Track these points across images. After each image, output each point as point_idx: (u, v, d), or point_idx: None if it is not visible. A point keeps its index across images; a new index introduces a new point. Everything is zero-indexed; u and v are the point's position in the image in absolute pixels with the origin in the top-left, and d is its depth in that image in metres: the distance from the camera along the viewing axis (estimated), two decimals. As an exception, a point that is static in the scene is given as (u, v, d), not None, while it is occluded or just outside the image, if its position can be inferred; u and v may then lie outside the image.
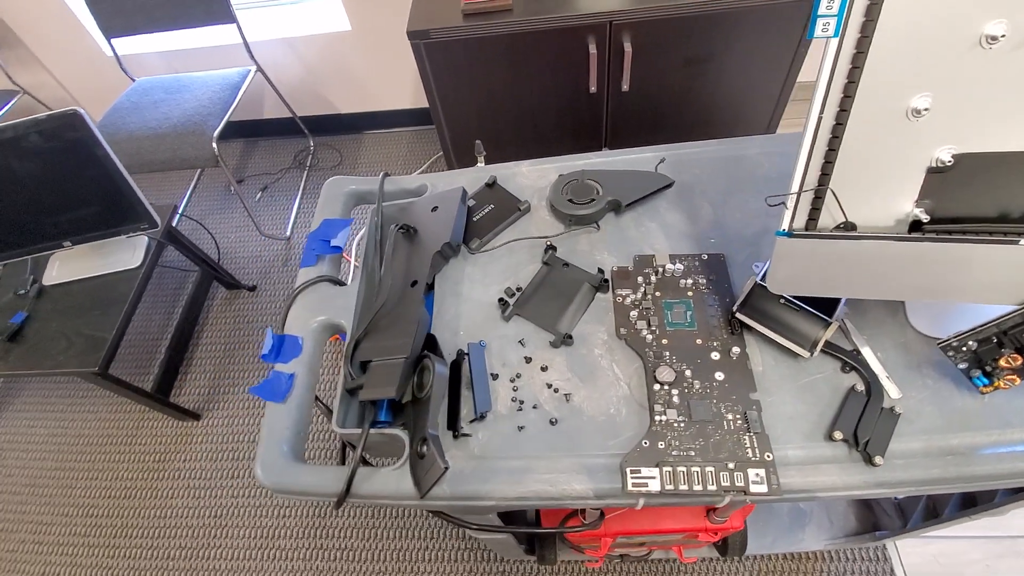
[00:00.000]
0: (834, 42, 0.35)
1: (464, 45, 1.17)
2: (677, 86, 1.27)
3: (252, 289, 1.75)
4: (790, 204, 0.42)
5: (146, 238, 1.33)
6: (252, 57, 1.71)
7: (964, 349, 0.46)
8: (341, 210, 0.72)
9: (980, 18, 0.34)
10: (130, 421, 1.51)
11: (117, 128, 1.53)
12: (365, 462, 0.65)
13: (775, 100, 1.34)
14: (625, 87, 1.23)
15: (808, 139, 0.39)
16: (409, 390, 0.53)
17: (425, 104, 2.03)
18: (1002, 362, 0.45)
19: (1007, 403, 0.48)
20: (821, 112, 0.38)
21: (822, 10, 0.34)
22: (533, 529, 0.54)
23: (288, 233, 1.89)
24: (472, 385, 0.54)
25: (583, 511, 0.72)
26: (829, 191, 0.41)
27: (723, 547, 0.92)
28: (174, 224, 1.44)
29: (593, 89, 1.24)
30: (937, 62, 0.36)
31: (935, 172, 0.41)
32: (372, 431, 0.52)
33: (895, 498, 0.96)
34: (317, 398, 0.61)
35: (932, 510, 0.84)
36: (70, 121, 1.01)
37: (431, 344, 0.57)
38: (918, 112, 0.38)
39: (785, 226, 0.43)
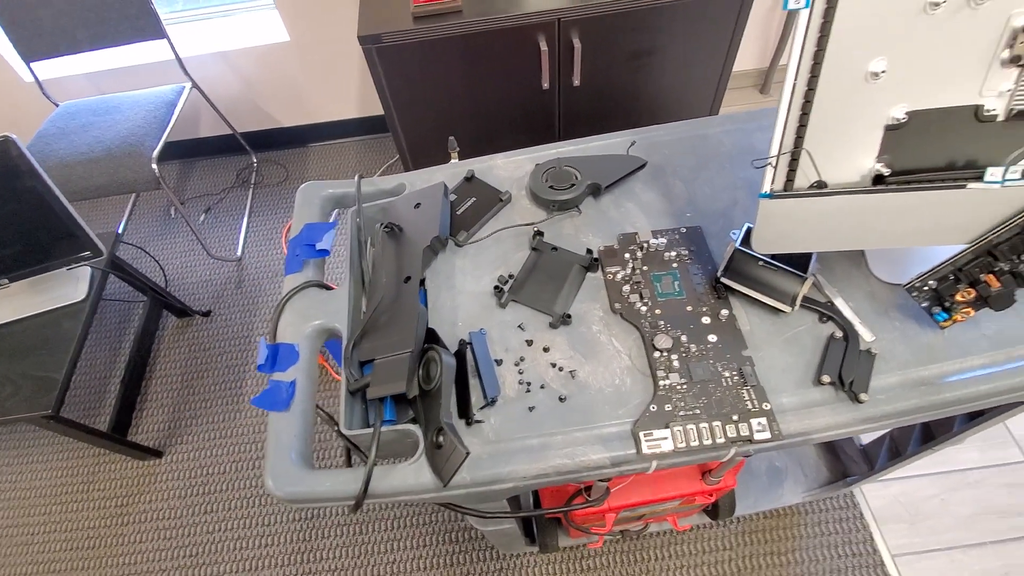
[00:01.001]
0: (805, 12, 0.38)
1: (416, 48, 1.17)
2: (625, 79, 1.32)
3: (206, 315, 1.67)
4: (772, 166, 0.45)
5: (89, 269, 1.25)
6: (186, 73, 1.64)
7: (926, 288, 0.51)
8: (318, 215, 0.71)
9: (923, -14, 0.39)
10: (85, 466, 1.41)
11: (45, 156, 1.43)
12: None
13: (714, 88, 1.42)
14: (576, 82, 1.27)
15: (784, 106, 0.43)
16: (415, 384, 0.53)
17: (371, 112, 2.01)
18: (958, 296, 0.50)
19: (963, 334, 0.54)
20: (795, 79, 0.41)
21: (793, -17, 0.37)
22: (543, 511, 0.55)
23: (239, 254, 1.82)
24: (478, 372, 0.55)
25: (587, 490, 0.74)
26: (805, 152, 0.44)
27: (714, 512, 0.97)
28: (115, 252, 1.36)
29: (546, 86, 1.27)
30: (890, 27, 0.40)
31: (892, 129, 0.45)
32: (384, 428, 0.52)
33: (859, 444, 1.04)
34: (316, 405, 0.59)
35: (895, 450, 0.92)
36: (2, 148, 0.94)
37: (432, 337, 0.57)
38: (876, 75, 0.42)
39: (767, 188, 0.47)
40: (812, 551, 1.14)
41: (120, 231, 1.90)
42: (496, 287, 0.62)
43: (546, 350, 0.57)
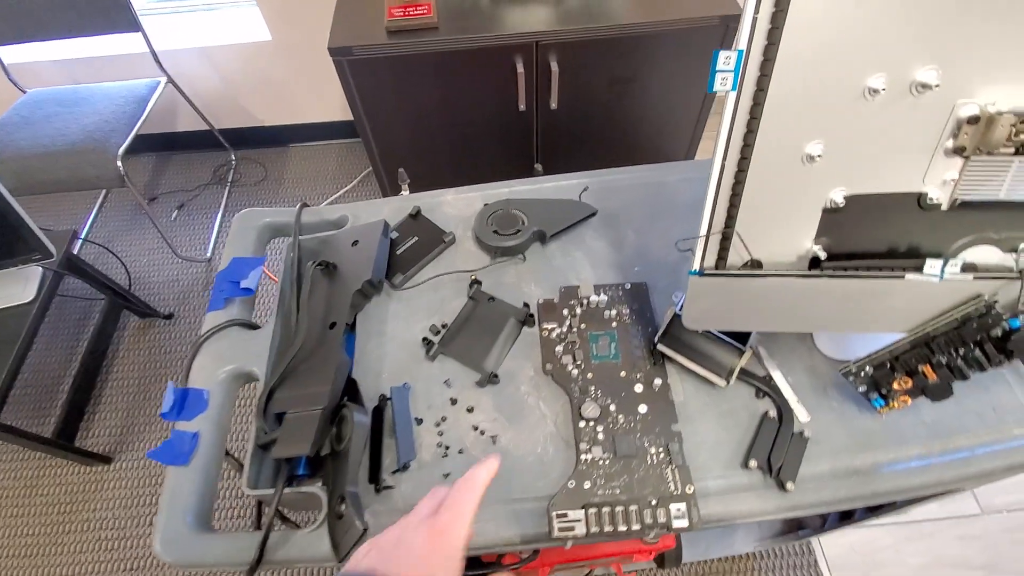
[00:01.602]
0: (733, 95, 0.36)
1: (390, 63, 1.14)
2: (604, 104, 1.29)
3: (168, 317, 1.62)
4: (699, 246, 0.42)
5: (40, 268, 1.21)
6: (161, 68, 1.59)
7: (862, 374, 0.49)
8: (255, 245, 0.68)
9: (863, 73, 0.36)
10: (28, 470, 1.36)
11: (3, 146, 1.38)
12: (285, 520, 0.61)
13: (696, 115, 1.39)
14: (553, 105, 1.24)
15: (713, 184, 0.40)
16: (328, 442, 0.50)
17: (354, 117, 1.97)
18: (895, 384, 0.48)
19: (902, 419, 0.51)
20: (724, 159, 0.39)
21: (720, 65, 0.34)
22: (470, 572, 0.52)
23: (208, 254, 1.77)
24: (395, 432, 0.52)
25: (520, 543, 0.72)
26: (735, 233, 0.42)
27: (660, 560, 0.94)
28: (75, 251, 1.32)
29: (522, 107, 1.24)
30: (827, 112, 0.38)
31: (830, 212, 0.43)
32: (288, 490, 0.49)
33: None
34: (228, 453, 0.56)
35: (846, 512, 0.89)
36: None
37: (352, 390, 0.54)
38: (812, 158, 0.40)
39: (696, 266, 0.44)
40: (763, 598, 1.12)
41: (84, 229, 1.84)
42: (426, 338, 0.59)
43: (470, 411, 0.54)
